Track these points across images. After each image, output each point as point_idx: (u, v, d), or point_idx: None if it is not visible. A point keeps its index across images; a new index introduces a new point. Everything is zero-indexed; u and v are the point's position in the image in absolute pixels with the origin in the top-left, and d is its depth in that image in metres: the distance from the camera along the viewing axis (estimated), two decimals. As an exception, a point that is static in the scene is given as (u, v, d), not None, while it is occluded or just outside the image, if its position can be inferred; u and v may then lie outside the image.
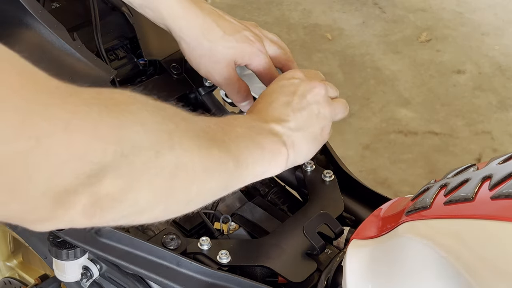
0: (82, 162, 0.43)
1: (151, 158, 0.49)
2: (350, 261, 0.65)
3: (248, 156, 0.63)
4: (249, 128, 0.67)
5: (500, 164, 0.56)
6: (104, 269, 0.83)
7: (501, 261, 0.49)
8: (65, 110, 0.43)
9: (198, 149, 0.55)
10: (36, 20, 0.82)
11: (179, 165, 0.52)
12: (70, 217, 0.46)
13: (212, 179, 0.58)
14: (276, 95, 0.75)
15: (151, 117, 0.50)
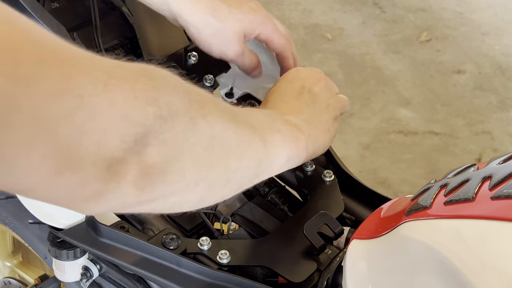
0: (125, 123, 0.43)
1: (188, 125, 0.49)
2: (350, 261, 0.65)
3: (273, 137, 0.64)
4: (267, 115, 0.68)
5: (500, 164, 0.56)
6: (104, 269, 0.83)
7: (501, 261, 0.49)
8: (102, 70, 0.43)
9: (228, 122, 0.55)
10: (36, 20, 0.82)
11: (215, 135, 0.52)
12: (122, 190, 0.46)
13: (246, 155, 0.59)
14: (286, 91, 0.77)
15: (180, 85, 0.51)
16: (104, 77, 0.43)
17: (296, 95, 0.76)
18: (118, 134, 0.43)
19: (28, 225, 0.95)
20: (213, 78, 0.97)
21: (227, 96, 0.99)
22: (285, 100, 0.75)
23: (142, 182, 0.46)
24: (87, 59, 0.43)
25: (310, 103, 0.76)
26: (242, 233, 0.82)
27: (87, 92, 0.41)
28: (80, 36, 0.85)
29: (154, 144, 0.46)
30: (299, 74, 0.81)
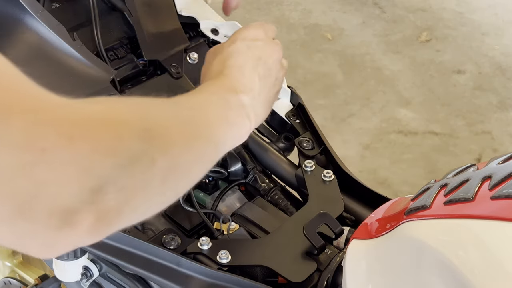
0: (85, 176, 0.43)
1: (148, 167, 0.49)
2: (350, 261, 0.65)
3: (225, 139, 0.66)
4: (224, 103, 0.69)
5: (500, 164, 0.56)
6: (104, 269, 0.83)
7: (501, 261, 0.49)
8: (68, 121, 0.43)
9: (187, 146, 0.56)
10: (36, 20, 0.82)
11: (173, 166, 0.53)
12: (77, 237, 0.46)
13: (197, 169, 0.59)
14: (244, 58, 0.77)
15: (142, 122, 0.50)
16: (69, 130, 0.42)
17: (253, 66, 0.77)
18: (76, 186, 0.43)
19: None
20: (213, 78, 0.97)
21: None
22: (243, 70, 0.75)
23: (97, 227, 0.46)
24: (55, 107, 0.43)
25: (263, 77, 0.77)
26: (242, 233, 0.82)
27: (50, 145, 0.41)
28: (80, 36, 0.85)
29: (111, 192, 0.45)
30: (258, 38, 0.80)
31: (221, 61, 0.77)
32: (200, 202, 0.90)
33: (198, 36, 1.02)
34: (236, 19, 1.05)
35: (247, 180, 0.92)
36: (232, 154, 0.91)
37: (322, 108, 2.46)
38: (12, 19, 0.82)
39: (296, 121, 0.97)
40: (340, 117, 2.43)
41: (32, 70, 0.83)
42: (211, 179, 0.92)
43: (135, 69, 0.93)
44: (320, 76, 2.63)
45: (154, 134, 0.51)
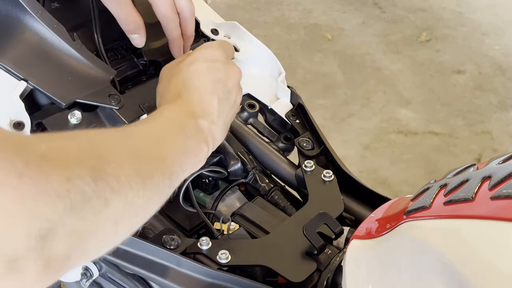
0: (32, 218, 0.41)
1: (100, 208, 0.47)
2: (350, 261, 0.66)
3: (182, 169, 0.64)
4: (181, 130, 0.68)
5: (500, 164, 0.56)
6: (104, 269, 0.83)
7: (501, 261, 0.49)
8: (19, 159, 0.42)
9: (142, 183, 0.54)
10: (36, 20, 0.82)
11: (127, 206, 0.51)
12: (23, 284, 0.44)
13: (152, 205, 0.58)
14: (204, 81, 0.75)
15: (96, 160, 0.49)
16: (19, 167, 0.41)
17: (212, 88, 0.75)
18: (22, 230, 0.41)
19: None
20: (213, 78, 0.97)
21: None
22: (202, 94, 0.74)
23: (43, 275, 0.44)
24: (6, 142, 0.42)
25: (222, 100, 0.76)
26: (242, 233, 0.82)
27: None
28: (80, 36, 0.85)
29: (60, 237, 0.43)
30: (217, 59, 0.78)
31: (180, 82, 0.75)
32: (200, 202, 0.90)
33: (198, 36, 1.02)
34: (236, 19, 1.05)
35: (247, 180, 0.92)
36: (232, 154, 0.91)
37: (322, 108, 2.46)
38: (12, 19, 0.82)
39: (296, 121, 0.97)
40: (340, 117, 2.44)
41: (32, 70, 0.83)
42: (211, 179, 0.92)
43: (135, 69, 0.93)
44: (320, 76, 2.63)
45: (107, 173, 0.49)
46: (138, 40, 0.87)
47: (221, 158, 0.92)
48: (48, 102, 0.85)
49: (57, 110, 0.83)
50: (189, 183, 0.87)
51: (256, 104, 0.99)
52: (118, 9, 0.84)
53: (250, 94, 1.00)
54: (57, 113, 0.83)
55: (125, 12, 0.84)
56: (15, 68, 0.80)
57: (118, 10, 0.84)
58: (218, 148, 0.92)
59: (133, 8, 0.84)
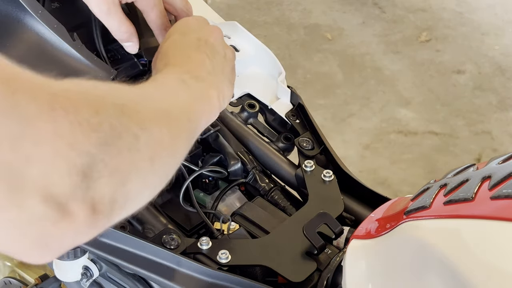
0: (72, 152, 0.41)
1: (132, 144, 0.47)
2: (349, 261, 0.66)
3: (196, 112, 0.64)
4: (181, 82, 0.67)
5: (500, 164, 0.56)
6: (104, 269, 0.83)
7: (500, 261, 0.49)
8: (47, 92, 0.42)
9: (163, 122, 0.54)
10: (36, 20, 0.82)
11: (156, 142, 0.51)
12: (75, 231, 0.43)
13: (180, 145, 0.58)
14: (184, 44, 0.75)
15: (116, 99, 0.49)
16: (49, 100, 0.41)
17: (196, 48, 0.74)
18: (64, 166, 0.41)
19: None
20: (213, 78, 0.97)
21: None
22: (187, 54, 0.73)
23: (95, 218, 0.44)
24: (31, 78, 0.42)
25: (211, 54, 0.74)
26: (242, 233, 0.82)
27: (33, 114, 0.39)
28: (80, 36, 0.85)
29: (103, 175, 0.43)
30: (190, 25, 0.78)
31: (163, 57, 0.74)
32: (200, 202, 0.90)
33: (198, 36, 1.02)
34: (236, 19, 1.05)
35: (247, 180, 0.92)
36: (232, 154, 0.91)
37: (322, 108, 2.46)
38: (12, 19, 0.82)
39: (296, 121, 0.97)
40: (340, 117, 2.44)
41: (32, 70, 0.83)
42: (211, 179, 0.92)
43: (135, 69, 0.93)
44: (320, 76, 2.63)
45: (131, 109, 0.49)
46: (132, 47, 0.86)
47: (221, 158, 0.92)
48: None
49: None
50: (189, 183, 0.87)
51: (256, 104, 0.99)
52: (109, 20, 0.82)
53: (250, 94, 1.00)
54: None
55: (117, 22, 0.82)
56: (15, 68, 0.80)
57: (109, 20, 0.82)
58: (218, 148, 0.92)
59: (124, 17, 0.83)
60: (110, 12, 0.81)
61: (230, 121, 0.97)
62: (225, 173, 0.91)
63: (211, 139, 0.93)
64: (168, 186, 0.91)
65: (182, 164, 0.89)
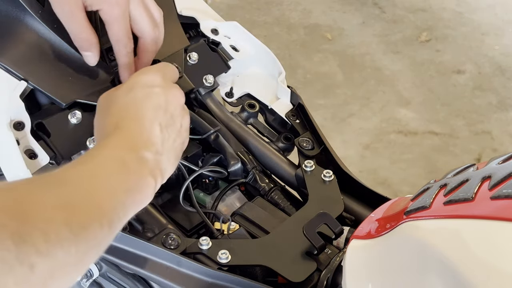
0: None
1: (26, 275, 0.43)
2: (349, 261, 0.66)
3: (122, 212, 0.59)
4: (121, 167, 0.62)
5: (500, 164, 0.56)
6: (104, 269, 0.83)
7: (500, 261, 0.49)
8: None
9: (75, 238, 0.49)
10: (36, 20, 0.82)
11: (56, 267, 0.47)
12: None
13: (90, 257, 0.53)
14: (143, 110, 0.70)
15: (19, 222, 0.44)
16: None
17: (152, 118, 0.70)
18: None
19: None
20: (213, 78, 0.97)
21: (227, 96, 0.99)
22: (142, 123, 0.69)
23: None
24: None
25: (165, 127, 0.70)
26: (242, 233, 0.82)
27: None
28: (80, 36, 0.85)
29: None
30: (155, 84, 0.73)
31: (117, 112, 0.70)
32: (200, 202, 0.90)
33: (198, 36, 1.02)
34: (236, 19, 1.05)
35: (247, 180, 0.92)
36: (232, 154, 0.91)
37: (322, 108, 2.46)
38: (12, 19, 0.82)
39: (296, 121, 0.97)
40: (340, 117, 2.43)
41: (32, 70, 0.83)
42: (211, 179, 0.92)
43: (135, 69, 0.93)
44: (320, 76, 2.63)
45: (33, 234, 0.44)
46: (90, 58, 0.81)
47: (221, 158, 0.92)
48: (48, 102, 0.85)
49: (57, 110, 0.83)
50: (189, 183, 0.87)
51: (256, 104, 0.99)
52: (70, 24, 0.78)
53: (250, 94, 1.00)
54: (57, 113, 0.83)
55: (78, 28, 0.79)
56: (15, 68, 0.80)
57: (70, 25, 0.79)
58: (218, 148, 0.92)
59: (86, 25, 0.79)
60: (72, 15, 0.77)
61: (230, 121, 0.97)
62: (225, 173, 0.91)
63: (211, 139, 0.93)
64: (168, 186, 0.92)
65: (182, 164, 0.89)
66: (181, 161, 0.89)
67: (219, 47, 1.01)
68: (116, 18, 0.78)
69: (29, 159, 0.78)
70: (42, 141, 0.81)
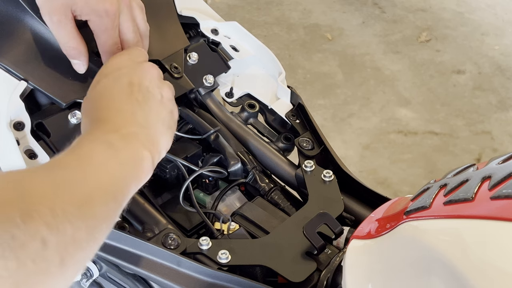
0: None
1: (39, 251, 0.44)
2: (349, 261, 0.66)
3: (124, 185, 0.59)
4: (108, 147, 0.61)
5: (499, 164, 0.56)
6: (104, 269, 0.83)
7: (500, 261, 0.49)
8: None
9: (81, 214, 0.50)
10: (36, 20, 0.82)
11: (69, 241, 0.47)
12: None
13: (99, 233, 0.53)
14: (114, 93, 0.69)
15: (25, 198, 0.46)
16: None
17: (127, 97, 0.69)
18: None
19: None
20: (213, 78, 0.97)
21: (227, 96, 0.99)
22: (117, 106, 0.68)
23: None
24: None
25: (143, 101, 0.69)
26: (242, 233, 0.82)
27: None
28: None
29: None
30: (122, 65, 0.73)
31: (92, 106, 0.70)
32: (200, 202, 0.90)
33: (198, 36, 1.02)
34: (236, 19, 1.05)
35: (247, 180, 0.92)
36: (232, 154, 0.91)
37: (322, 108, 2.46)
38: (12, 19, 0.82)
39: (296, 121, 0.97)
40: (340, 117, 2.44)
41: (32, 70, 0.83)
42: (211, 179, 0.92)
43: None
44: (320, 76, 2.63)
45: (40, 211, 0.45)
46: (79, 66, 0.81)
47: (221, 158, 0.92)
48: (48, 102, 0.85)
49: (57, 110, 0.83)
50: (189, 183, 0.87)
51: (256, 104, 0.99)
52: (58, 32, 0.78)
53: (250, 94, 1.00)
54: (57, 113, 0.83)
55: (66, 36, 0.78)
56: (15, 68, 0.80)
57: (58, 33, 0.78)
58: (218, 148, 0.92)
59: (75, 34, 0.78)
60: (60, 24, 0.76)
61: (230, 121, 0.97)
62: (225, 173, 0.91)
63: (211, 139, 0.93)
64: (168, 186, 0.92)
65: (182, 164, 0.89)
66: (181, 161, 0.89)
67: (219, 47, 1.01)
68: (105, 30, 0.78)
69: (29, 159, 0.78)
70: (42, 141, 0.81)
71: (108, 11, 0.77)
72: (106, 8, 0.76)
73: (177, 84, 0.91)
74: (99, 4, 0.76)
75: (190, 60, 0.96)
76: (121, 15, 0.79)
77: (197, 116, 0.94)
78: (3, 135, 0.77)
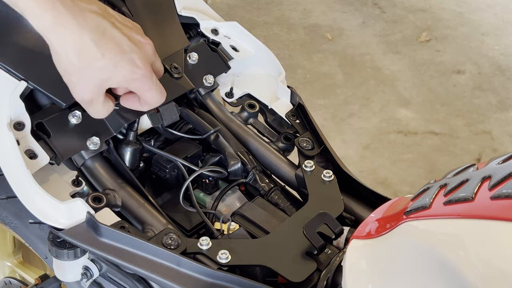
0: None
1: None
2: (349, 261, 0.66)
3: None
4: None
5: (499, 164, 0.56)
6: (104, 269, 0.83)
7: (500, 261, 0.49)
8: None
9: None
10: (36, 20, 0.82)
11: None
12: None
13: None
14: None
15: None
16: None
17: None
18: None
19: (29, 225, 0.95)
20: (213, 78, 0.97)
21: (227, 96, 0.99)
22: None
23: None
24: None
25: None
26: (242, 233, 0.82)
27: None
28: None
29: None
30: None
31: None
32: (200, 202, 0.90)
33: (198, 36, 1.02)
34: (236, 19, 1.05)
35: (247, 180, 0.92)
36: (232, 154, 0.91)
37: (322, 108, 2.46)
38: (12, 19, 0.82)
39: (296, 121, 0.97)
40: (340, 117, 2.44)
41: (32, 70, 0.83)
42: (211, 179, 0.92)
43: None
44: (320, 76, 2.63)
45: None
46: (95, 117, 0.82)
47: (221, 158, 0.92)
48: (48, 102, 0.85)
49: (57, 110, 0.83)
50: (189, 183, 0.87)
51: (256, 104, 0.99)
52: (88, 108, 0.79)
53: (250, 94, 1.00)
54: (57, 113, 0.83)
55: (95, 111, 0.79)
56: (15, 68, 0.80)
57: (88, 108, 0.79)
58: (218, 148, 0.92)
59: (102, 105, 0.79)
60: (92, 103, 0.78)
61: (230, 121, 0.97)
62: (225, 173, 0.91)
63: (211, 139, 0.93)
64: (168, 186, 0.91)
65: (182, 164, 0.89)
66: (181, 161, 0.89)
67: (219, 47, 1.01)
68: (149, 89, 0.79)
69: (29, 159, 0.78)
70: (42, 141, 0.81)
71: (146, 75, 0.77)
72: (144, 73, 0.77)
73: (177, 84, 0.91)
74: (134, 71, 0.76)
75: (190, 60, 0.96)
76: None
77: (197, 116, 0.94)
78: (3, 135, 0.77)
